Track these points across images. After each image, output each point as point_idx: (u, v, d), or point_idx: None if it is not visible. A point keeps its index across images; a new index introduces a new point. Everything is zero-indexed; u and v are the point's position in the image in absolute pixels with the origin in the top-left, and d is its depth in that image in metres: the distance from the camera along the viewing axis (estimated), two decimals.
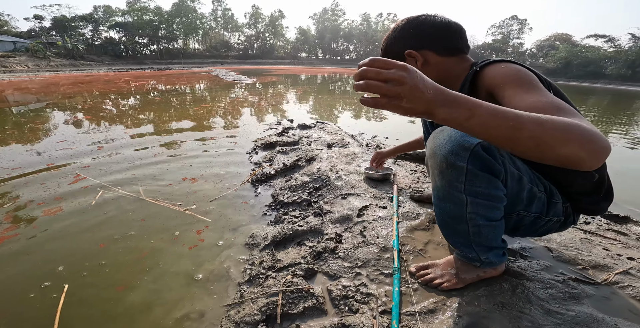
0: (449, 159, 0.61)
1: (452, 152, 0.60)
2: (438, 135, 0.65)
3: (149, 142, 2.49)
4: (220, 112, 4.08)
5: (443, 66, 0.74)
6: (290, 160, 1.87)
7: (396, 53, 0.77)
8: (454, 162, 0.60)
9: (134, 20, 38.01)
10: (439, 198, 0.69)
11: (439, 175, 0.65)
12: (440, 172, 0.64)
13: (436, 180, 0.67)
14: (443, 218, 0.71)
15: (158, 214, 1.42)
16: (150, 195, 1.58)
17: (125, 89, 7.38)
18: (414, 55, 0.74)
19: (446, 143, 0.62)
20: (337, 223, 1.22)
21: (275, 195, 1.55)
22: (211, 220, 1.38)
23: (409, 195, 1.29)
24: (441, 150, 0.62)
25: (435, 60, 0.73)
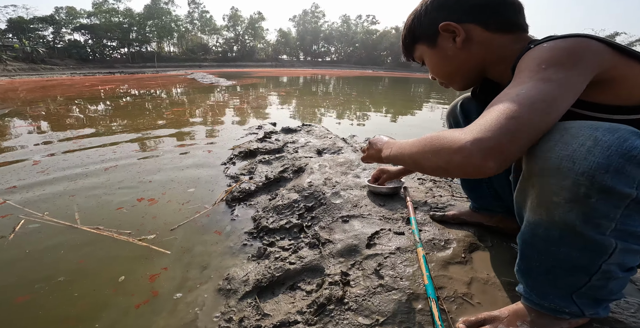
0: (599, 179, 0.35)
1: (605, 168, 0.35)
2: (563, 135, 0.38)
3: (100, 155, 2.07)
4: (194, 116, 3.68)
5: (492, 45, 0.55)
6: (275, 171, 1.56)
7: (426, 28, 0.60)
8: (610, 185, 0.35)
9: (102, 23, 36.02)
10: (549, 240, 0.43)
11: (565, 206, 0.38)
12: (570, 199, 0.38)
13: (549, 211, 0.40)
14: (545, 267, 0.45)
15: (98, 249, 1.07)
16: (89, 223, 1.21)
17: (87, 93, 6.70)
18: (454, 27, 0.55)
19: (590, 150, 0.36)
20: (341, 256, 0.92)
21: (257, 219, 1.23)
22: (172, 255, 1.04)
23: (428, 215, 1.02)
24: (579, 163, 0.36)
25: (483, 37, 0.55)
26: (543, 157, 0.39)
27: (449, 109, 0.86)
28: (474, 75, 0.62)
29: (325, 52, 58.17)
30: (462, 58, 0.58)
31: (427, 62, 0.65)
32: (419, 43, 0.63)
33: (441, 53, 0.59)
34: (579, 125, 0.38)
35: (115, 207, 1.36)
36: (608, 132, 0.35)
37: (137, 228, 1.20)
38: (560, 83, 0.39)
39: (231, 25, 48.39)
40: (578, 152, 0.36)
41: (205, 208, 1.32)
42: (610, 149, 0.34)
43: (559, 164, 0.37)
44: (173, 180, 1.65)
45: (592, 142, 0.35)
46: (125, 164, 1.91)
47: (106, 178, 1.68)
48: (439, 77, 0.66)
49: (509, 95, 0.40)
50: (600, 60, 0.42)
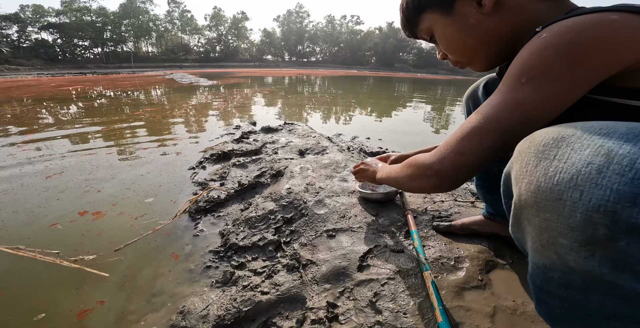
0: (625, 216, 0.22)
1: (632, 199, 0.21)
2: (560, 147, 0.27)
3: (46, 160, 1.77)
4: (166, 116, 3.38)
5: (527, 11, 0.43)
6: (250, 176, 1.34)
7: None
8: (637, 221, 0.21)
9: (72, 21, 34.20)
10: (571, 287, 0.28)
11: (580, 250, 0.25)
12: (585, 242, 0.24)
13: (560, 255, 0.27)
14: (574, 314, 0.31)
15: (15, 276, 0.85)
16: (10, 242, 0.96)
17: (50, 93, 6.16)
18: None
19: (602, 172, 0.23)
20: (327, 282, 0.74)
21: (225, 234, 1.02)
22: (112, 282, 0.82)
23: (430, 225, 0.84)
24: (588, 193, 0.23)
25: (518, 1, 0.44)
26: (535, 183, 0.26)
27: (470, 92, 0.69)
28: (501, 50, 0.48)
29: (311, 52, 58.20)
30: (489, 27, 0.45)
31: (439, 36, 0.51)
32: (428, 11, 0.50)
33: (461, 21, 0.47)
34: (581, 131, 0.26)
35: (49, 223, 1.11)
36: (626, 140, 0.23)
37: (74, 248, 0.97)
38: (534, 107, 0.34)
39: (213, 25, 47.41)
40: (584, 174, 0.24)
41: (161, 224, 1.09)
42: (635, 169, 0.22)
43: (559, 194, 0.24)
44: (129, 189, 1.40)
45: (603, 157, 0.23)
46: (74, 170, 1.63)
47: (45, 187, 1.40)
48: (456, 54, 0.51)
49: (479, 115, 0.37)
50: (634, 51, 0.30)
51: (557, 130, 0.28)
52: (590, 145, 0.25)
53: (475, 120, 0.37)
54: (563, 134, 0.27)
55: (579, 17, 0.33)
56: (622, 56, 0.31)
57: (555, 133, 0.28)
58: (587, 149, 0.24)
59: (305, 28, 55.53)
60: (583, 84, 0.33)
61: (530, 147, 0.29)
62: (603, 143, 0.24)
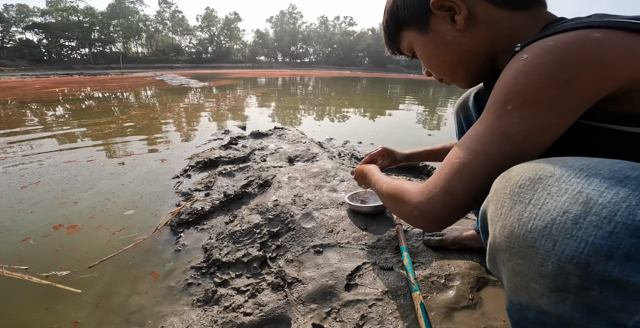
0: (599, 269, 0.21)
1: (608, 253, 0.20)
2: (537, 190, 0.25)
3: (22, 168, 1.68)
4: (154, 120, 3.29)
5: (502, 25, 0.42)
6: (237, 185, 1.29)
7: (413, 8, 0.46)
8: (620, 277, 0.20)
9: (58, 21, 33.39)
10: (547, 325, 0.27)
11: (552, 295, 0.24)
12: (557, 288, 0.23)
13: (533, 298, 0.26)
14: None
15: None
16: None
17: (32, 95, 5.95)
18: (451, 3, 0.41)
19: (578, 223, 0.22)
20: (313, 302, 0.70)
21: (208, 249, 0.97)
22: (86, 300, 0.78)
23: (421, 240, 0.81)
24: (562, 244, 0.22)
25: (490, 15, 0.42)
26: (509, 227, 0.26)
27: (460, 102, 0.67)
28: (482, 66, 0.47)
29: (304, 53, 58.23)
30: (466, 43, 0.44)
31: (419, 54, 0.50)
32: (406, 29, 0.49)
33: (437, 39, 0.46)
34: (560, 171, 0.25)
35: (20, 238, 1.04)
36: (608, 186, 0.22)
37: (47, 265, 0.92)
38: (525, 138, 0.31)
39: (205, 26, 46.99)
40: (559, 224, 0.22)
41: (141, 238, 1.04)
42: (614, 222, 0.20)
43: (532, 242, 0.24)
44: (109, 199, 1.33)
45: (580, 206, 0.22)
46: (51, 178, 1.55)
47: (19, 199, 1.33)
48: (437, 71, 0.50)
49: (467, 150, 0.34)
50: (622, 72, 0.29)
51: (535, 169, 0.26)
52: (568, 190, 0.23)
53: (464, 155, 0.34)
54: (540, 174, 0.25)
55: (561, 36, 0.31)
56: (610, 78, 0.29)
57: (532, 172, 0.26)
58: (565, 195, 0.23)
59: (299, 29, 55.56)
60: (573, 110, 0.31)
61: (506, 187, 0.27)
62: (582, 189, 0.22)
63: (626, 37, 0.29)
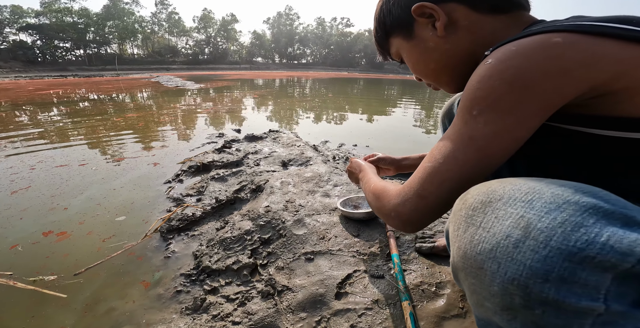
0: (537, 290, 0.22)
1: (544, 276, 0.22)
2: (486, 214, 0.26)
3: (13, 173, 1.65)
4: (148, 123, 3.26)
5: (483, 30, 0.42)
6: (229, 191, 1.28)
7: (397, 15, 0.46)
8: (556, 298, 0.21)
9: (52, 22, 33.14)
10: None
11: (502, 313, 0.25)
12: (506, 307, 0.24)
13: (488, 315, 0.27)
14: None
15: None
16: None
17: (24, 97, 5.88)
18: (430, 10, 0.41)
19: (518, 246, 0.23)
20: (303, 311, 0.69)
21: (198, 255, 0.95)
22: (73, 308, 0.77)
23: (412, 247, 0.81)
24: (505, 266, 0.23)
25: (470, 20, 0.42)
26: (463, 249, 0.27)
27: (445, 109, 0.69)
28: (466, 72, 0.45)
29: (301, 54, 58.33)
30: (447, 49, 0.44)
31: (405, 59, 0.51)
32: (393, 36, 0.49)
33: (421, 45, 0.46)
34: (508, 195, 0.26)
35: (9, 245, 1.02)
36: (547, 211, 0.23)
37: (36, 270, 0.91)
38: (489, 143, 0.32)
39: (202, 27, 46.91)
40: (502, 247, 0.24)
41: (130, 245, 1.02)
42: (549, 246, 0.22)
43: (481, 263, 0.25)
44: (100, 204, 1.31)
45: (521, 231, 0.23)
46: (41, 184, 1.53)
47: (8, 205, 1.30)
48: (424, 76, 0.52)
49: (438, 154, 0.35)
50: (580, 78, 0.28)
51: (487, 191, 0.27)
52: (512, 214, 0.24)
53: (434, 159, 0.35)
54: (491, 197, 0.27)
55: (524, 40, 0.31)
56: (568, 84, 0.29)
57: (484, 195, 0.27)
58: (509, 219, 0.24)
59: (296, 30, 55.66)
60: (534, 115, 0.31)
61: (462, 209, 0.29)
62: (524, 213, 0.24)
63: (588, 41, 0.28)
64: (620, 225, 0.21)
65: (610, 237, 0.20)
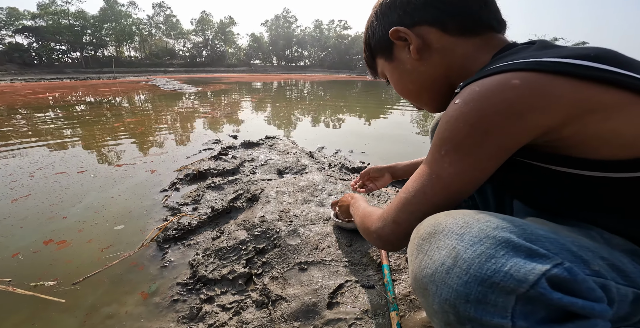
0: (461, 310, 0.27)
1: (465, 297, 0.26)
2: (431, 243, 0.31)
3: (12, 180, 1.66)
4: (147, 128, 3.28)
5: (455, 53, 0.43)
6: (225, 199, 1.30)
7: (379, 37, 0.49)
8: (475, 316, 0.26)
9: (49, 25, 33.04)
10: None
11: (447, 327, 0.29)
12: (446, 323, 0.29)
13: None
14: None
15: None
16: None
17: (21, 101, 5.87)
18: (403, 33, 0.44)
19: (449, 273, 0.27)
20: (296, 320, 0.71)
21: (194, 265, 0.97)
22: (70, 317, 0.79)
23: (404, 257, 0.83)
24: (440, 288, 0.28)
25: (442, 43, 0.43)
26: (414, 272, 0.31)
27: (434, 122, 0.71)
28: (443, 92, 0.49)
29: (299, 56, 58.50)
30: (422, 72, 0.47)
31: (389, 79, 0.54)
32: (378, 57, 0.52)
33: (400, 67, 0.49)
34: (449, 228, 0.29)
35: (10, 254, 1.04)
36: (472, 243, 0.27)
37: (39, 277, 0.93)
38: (453, 181, 0.35)
39: (199, 30, 46.96)
40: (439, 273, 0.28)
41: (126, 255, 1.04)
42: (469, 273, 0.26)
43: (425, 285, 0.29)
44: (98, 212, 1.33)
45: (452, 260, 0.28)
46: (41, 191, 1.54)
47: (8, 213, 1.32)
48: (405, 96, 0.54)
49: (411, 187, 0.39)
50: (537, 121, 0.30)
51: (434, 223, 0.31)
52: (447, 245, 0.28)
53: (408, 191, 0.39)
54: (436, 229, 0.30)
55: (487, 81, 0.33)
56: (525, 127, 0.31)
57: (431, 227, 0.31)
58: (445, 250, 0.28)
59: (293, 32, 55.86)
60: (492, 157, 0.34)
61: (415, 238, 0.33)
62: (456, 245, 0.27)
63: (545, 82, 0.29)
64: (523, 256, 0.25)
65: (512, 267, 0.24)
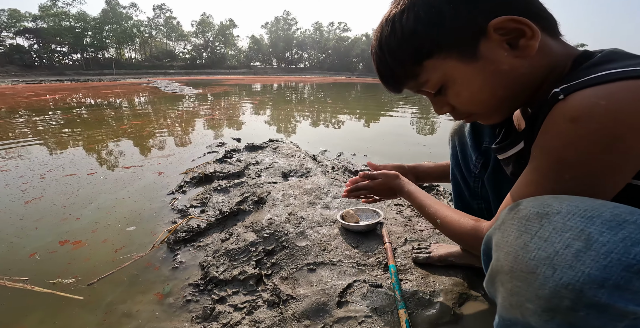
0: (590, 295, 0.25)
1: (601, 283, 0.24)
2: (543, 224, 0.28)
3: (23, 182, 1.69)
4: (151, 130, 3.31)
5: (553, 52, 0.38)
6: (232, 202, 1.33)
7: (454, 29, 0.37)
8: (607, 302, 0.24)
9: (50, 26, 33.16)
10: None
11: (542, 314, 0.27)
12: (548, 309, 0.27)
13: (524, 315, 0.29)
14: None
15: None
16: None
17: (24, 104, 5.90)
18: (521, 25, 0.35)
19: (579, 256, 0.25)
20: (307, 318, 0.74)
21: (205, 266, 1.00)
22: (87, 318, 0.82)
23: (409, 257, 0.86)
24: (561, 272, 0.26)
25: (543, 41, 0.37)
26: (513, 254, 0.29)
27: (456, 127, 0.71)
28: (522, 99, 0.42)
29: (299, 58, 58.70)
30: (523, 74, 0.37)
31: (456, 88, 0.41)
32: (437, 58, 0.39)
33: (489, 68, 0.37)
34: (566, 210, 0.27)
35: (27, 254, 1.08)
36: (609, 227, 0.25)
37: (58, 274, 0.97)
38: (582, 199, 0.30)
39: (200, 32, 47.14)
40: (561, 255, 0.26)
41: (135, 257, 1.06)
42: (610, 258, 0.24)
43: (534, 268, 0.27)
44: (109, 213, 1.36)
45: (582, 242, 0.25)
46: (53, 193, 1.57)
47: (22, 214, 1.35)
48: (478, 107, 0.43)
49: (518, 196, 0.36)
50: None
51: (542, 204, 0.29)
52: (572, 227, 0.26)
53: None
54: (547, 210, 0.28)
55: (611, 89, 0.29)
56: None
57: (539, 208, 0.29)
58: (569, 232, 0.26)
59: (293, 35, 56.08)
60: (627, 177, 0.32)
61: (514, 218, 0.30)
62: (585, 227, 0.26)
63: None
64: None
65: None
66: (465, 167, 0.69)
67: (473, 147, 0.65)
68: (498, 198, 0.65)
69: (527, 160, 0.38)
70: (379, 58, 0.43)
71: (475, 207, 0.71)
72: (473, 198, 0.70)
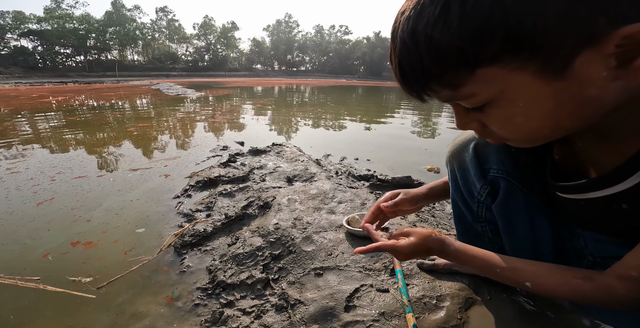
0: None
1: None
2: None
3: (34, 184, 1.71)
4: (155, 133, 3.34)
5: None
6: (237, 206, 1.35)
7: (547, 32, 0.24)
8: None
9: (54, 28, 33.49)
10: None
11: None
12: None
13: None
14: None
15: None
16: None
17: (29, 106, 5.95)
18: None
19: None
20: (315, 322, 0.76)
21: (213, 270, 1.02)
22: (97, 322, 0.83)
23: (415, 263, 0.88)
24: None
25: None
26: None
27: (454, 150, 0.61)
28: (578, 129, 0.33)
29: (300, 61, 59.01)
30: (608, 100, 0.27)
31: (509, 108, 0.30)
32: (506, 64, 0.27)
33: (573, 90, 0.27)
34: None
35: (40, 255, 1.10)
36: None
37: (73, 273, 1.00)
38: None
39: (202, 34, 47.50)
40: None
41: (143, 261, 1.08)
42: None
43: None
44: (118, 215, 1.39)
45: None
46: (63, 195, 1.60)
47: (34, 216, 1.37)
48: (522, 134, 0.32)
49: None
50: None
51: None
52: None
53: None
54: None
55: None
56: None
57: None
58: None
59: (295, 38, 56.46)
60: None
61: None
62: None
63: None
64: None
65: None
66: (468, 193, 0.62)
67: (477, 175, 0.57)
68: (510, 226, 0.57)
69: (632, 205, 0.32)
70: (408, 51, 0.28)
71: (480, 230, 0.67)
72: (476, 222, 0.66)
